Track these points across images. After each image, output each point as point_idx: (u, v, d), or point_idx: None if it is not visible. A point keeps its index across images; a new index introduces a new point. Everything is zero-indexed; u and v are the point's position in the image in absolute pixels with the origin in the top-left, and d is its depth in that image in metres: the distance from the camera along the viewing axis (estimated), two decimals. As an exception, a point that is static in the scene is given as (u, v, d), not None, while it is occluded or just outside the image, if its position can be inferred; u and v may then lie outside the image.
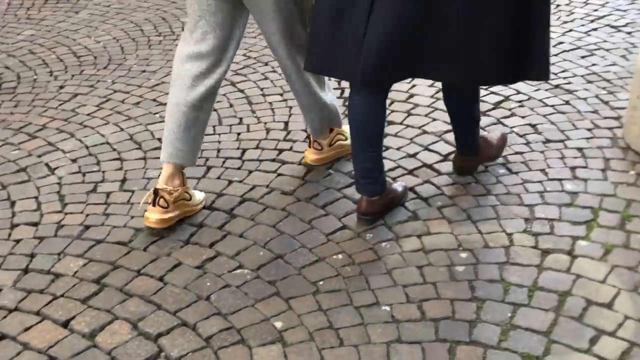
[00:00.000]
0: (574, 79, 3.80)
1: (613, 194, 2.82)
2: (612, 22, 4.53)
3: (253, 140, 3.32)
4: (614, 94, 3.62)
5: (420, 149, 3.19)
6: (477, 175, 2.97)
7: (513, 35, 2.40)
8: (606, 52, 4.11)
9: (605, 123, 3.36)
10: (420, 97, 3.65)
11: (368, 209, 2.68)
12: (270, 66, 4.05)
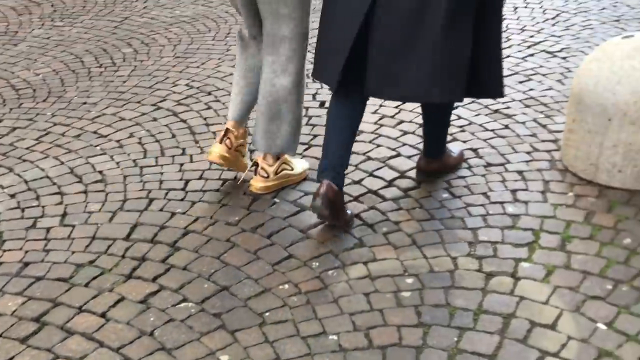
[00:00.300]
0: (513, 104, 3.88)
1: (553, 215, 2.87)
2: (548, 47, 4.66)
3: (196, 170, 3.29)
4: (551, 117, 3.71)
5: (365, 175, 3.21)
6: (421, 200, 3.00)
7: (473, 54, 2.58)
8: (543, 77, 4.21)
9: (544, 146, 3.43)
10: (364, 124, 3.68)
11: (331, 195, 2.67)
12: (214, 96, 4.04)
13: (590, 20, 5.15)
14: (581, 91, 3.06)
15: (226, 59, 4.57)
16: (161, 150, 3.48)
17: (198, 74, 4.34)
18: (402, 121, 3.71)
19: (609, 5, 5.43)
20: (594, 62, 3.06)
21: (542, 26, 5.06)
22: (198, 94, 4.08)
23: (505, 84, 4.12)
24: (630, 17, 5.19)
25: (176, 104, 3.95)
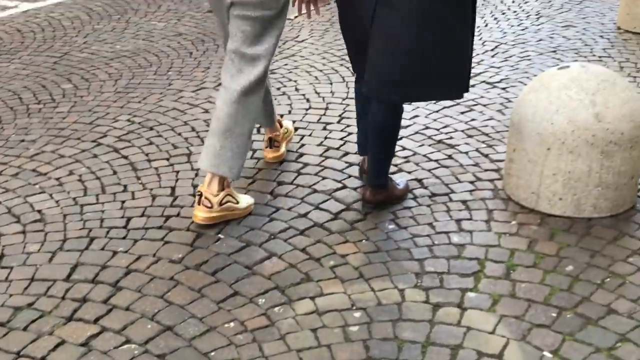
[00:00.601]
0: (455, 134, 3.93)
1: (497, 244, 2.90)
2: (488, 78, 4.74)
3: (138, 207, 3.23)
4: (493, 147, 3.76)
5: (311, 208, 3.19)
6: (368, 232, 2.99)
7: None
8: (484, 107, 4.28)
9: (487, 175, 3.47)
10: (309, 156, 3.67)
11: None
12: (156, 131, 3.99)
13: (528, 51, 5.27)
14: (520, 121, 3.12)
15: (168, 94, 4.53)
16: (102, 188, 3.41)
17: (139, 109, 4.29)
18: (347, 153, 3.71)
19: (546, 37, 5.57)
20: (532, 92, 3.13)
21: (482, 58, 5.16)
22: (140, 129, 4.03)
23: (448, 115, 4.18)
24: (567, 48, 5.33)
25: (117, 140, 3.88)
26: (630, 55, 5.16)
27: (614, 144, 2.95)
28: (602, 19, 6.03)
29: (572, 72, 3.08)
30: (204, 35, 5.71)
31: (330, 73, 4.86)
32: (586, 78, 3.03)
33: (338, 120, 4.12)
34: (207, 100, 4.43)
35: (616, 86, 3.02)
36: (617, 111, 2.95)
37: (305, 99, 4.43)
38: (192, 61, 5.14)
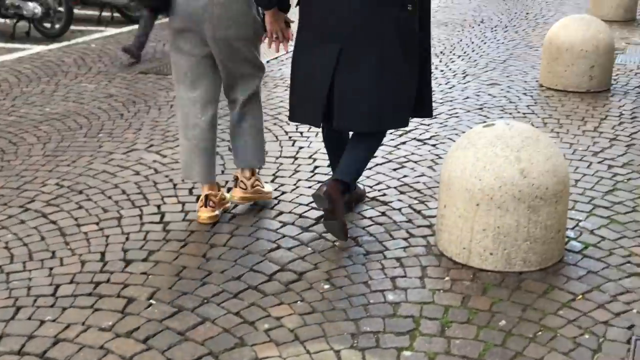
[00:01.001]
0: (388, 191, 3.97)
1: (432, 300, 2.91)
2: (418, 135, 4.84)
3: (67, 274, 3.13)
4: (425, 203, 3.82)
5: (244, 270, 3.16)
6: (303, 293, 2.97)
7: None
8: (415, 164, 4.36)
9: (420, 231, 3.51)
10: (242, 217, 3.65)
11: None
12: (85, 194, 3.91)
13: (456, 109, 5.41)
14: (450, 178, 3.18)
15: (98, 156, 4.47)
16: (29, 254, 3.30)
17: (69, 173, 4.21)
18: (281, 212, 3.71)
19: (472, 95, 5.74)
20: (460, 149, 3.20)
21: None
22: (69, 193, 3.95)
23: (380, 172, 4.23)
24: (492, 105, 5.50)
25: (45, 205, 3.79)
26: (552, 111, 5.35)
27: (539, 198, 3.03)
28: (525, 77, 6.26)
29: (497, 130, 3.17)
30: (135, 97, 5.68)
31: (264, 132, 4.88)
32: (511, 135, 3.12)
33: (272, 180, 4.12)
34: (138, 162, 4.38)
35: (539, 143, 3.11)
36: (541, 167, 3.04)
37: (238, 159, 4.42)
38: (123, 123, 5.10)
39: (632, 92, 5.81)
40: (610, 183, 4.09)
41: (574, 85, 5.79)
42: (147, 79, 6.20)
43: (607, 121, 5.13)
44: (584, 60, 5.74)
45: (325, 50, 3.25)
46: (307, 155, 4.51)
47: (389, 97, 3.28)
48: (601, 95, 5.72)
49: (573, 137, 4.83)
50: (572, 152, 4.56)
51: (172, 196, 3.91)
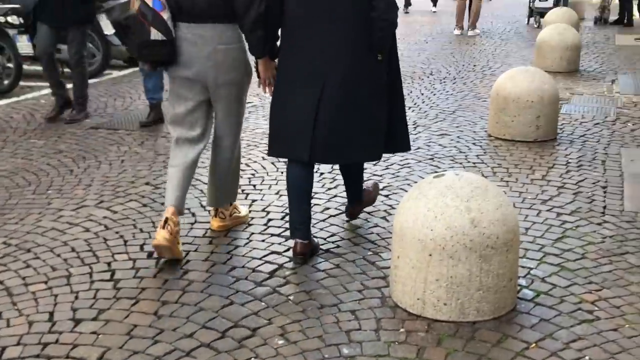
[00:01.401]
0: (342, 242, 3.97)
1: (387, 353, 2.89)
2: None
3: (14, 336, 3.04)
4: (379, 254, 3.82)
5: (197, 327, 3.10)
6: (257, 349, 2.93)
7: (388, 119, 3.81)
8: (368, 214, 4.37)
9: (374, 283, 3.50)
10: (195, 273, 3.60)
11: (303, 250, 3.73)
12: (33, 253, 3.82)
13: (407, 159, 5.48)
14: (402, 228, 3.19)
15: (47, 213, 4.38)
16: (-27, 317, 3.20)
17: (16, 231, 4.12)
18: (234, 267, 3.67)
19: (423, 145, 5.83)
20: (411, 200, 3.23)
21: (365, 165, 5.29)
22: (16, 251, 3.85)
23: (334, 224, 4.24)
24: (443, 155, 5.58)
25: (-9, 264, 3.69)
26: (501, 161, 5.46)
27: (490, 248, 3.06)
28: (474, 128, 6.38)
29: (447, 180, 3.21)
30: (85, 152, 5.62)
31: (216, 186, 4.86)
32: (460, 185, 3.16)
33: (225, 234, 4.09)
34: (88, 218, 4.31)
35: (488, 192, 3.16)
36: (491, 216, 3.08)
37: (190, 213, 4.39)
38: (72, 179, 5.03)
39: (577, 141, 5.96)
40: (559, 231, 4.16)
41: (522, 135, 5.92)
42: (98, 133, 6.14)
43: (554, 170, 5.24)
44: (530, 110, 5.88)
45: (307, 92, 3.62)
46: (260, 208, 4.49)
47: (362, 133, 3.69)
48: (548, 145, 5.86)
49: (522, 185, 4.92)
50: (522, 200, 4.63)
51: (122, 253, 3.85)
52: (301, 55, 3.65)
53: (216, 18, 3.70)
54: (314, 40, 3.61)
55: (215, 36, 3.72)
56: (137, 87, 7.83)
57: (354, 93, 3.63)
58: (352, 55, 3.60)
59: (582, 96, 7.64)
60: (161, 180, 4.96)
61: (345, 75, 3.60)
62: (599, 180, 5.01)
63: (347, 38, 3.58)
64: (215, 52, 3.73)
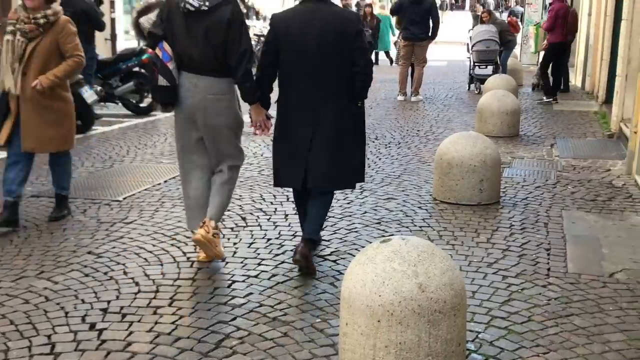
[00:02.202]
0: (290, 310, 3.92)
1: None
2: (319, 252, 4.85)
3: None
4: (327, 321, 3.78)
5: (140, 401, 3.00)
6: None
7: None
8: (317, 280, 4.34)
9: (323, 351, 3.45)
10: (138, 344, 3.50)
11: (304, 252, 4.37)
12: (-32, 327, 3.67)
13: (354, 223, 5.49)
14: (350, 294, 3.17)
15: (-15, 285, 4.23)
16: None
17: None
18: (179, 338, 3.58)
19: (370, 209, 5.85)
20: (359, 265, 3.21)
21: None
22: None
23: (281, 290, 4.19)
24: (390, 219, 5.62)
25: None
26: (447, 224, 5.51)
27: (438, 312, 3.05)
28: (419, 191, 6.45)
29: (394, 245, 3.22)
30: (25, 221, 5.47)
31: (161, 254, 4.78)
32: (407, 250, 3.17)
33: (169, 303, 4.00)
34: (28, 289, 4.17)
35: (435, 256, 3.17)
36: (438, 280, 3.09)
37: (134, 282, 4.29)
38: (12, 249, 4.88)
39: (520, 204, 6.07)
40: (505, 293, 4.19)
41: (466, 199, 6.01)
42: (39, 202, 6.01)
43: (499, 232, 5.31)
44: (473, 174, 5.99)
45: (301, 132, 4.44)
46: (206, 276, 4.42)
47: (343, 166, 4.52)
48: (492, 208, 5.95)
49: (468, 248, 4.96)
50: (468, 263, 4.67)
51: (63, 325, 3.72)
52: (295, 105, 4.47)
53: (209, 72, 4.37)
54: (305, 93, 4.42)
55: (207, 86, 4.39)
56: (80, 155, 7.73)
57: (339, 134, 4.45)
58: (337, 103, 4.43)
59: (523, 160, 7.83)
60: (104, 249, 4.85)
61: (332, 120, 4.41)
62: (542, 243, 5.09)
63: (333, 90, 4.42)
64: (205, 100, 4.40)
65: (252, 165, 7.38)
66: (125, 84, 10.32)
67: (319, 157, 4.44)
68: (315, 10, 4.42)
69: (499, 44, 13.48)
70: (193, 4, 4.29)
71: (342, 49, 4.38)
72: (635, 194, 6.40)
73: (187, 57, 4.36)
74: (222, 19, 4.30)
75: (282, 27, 4.44)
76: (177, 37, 4.37)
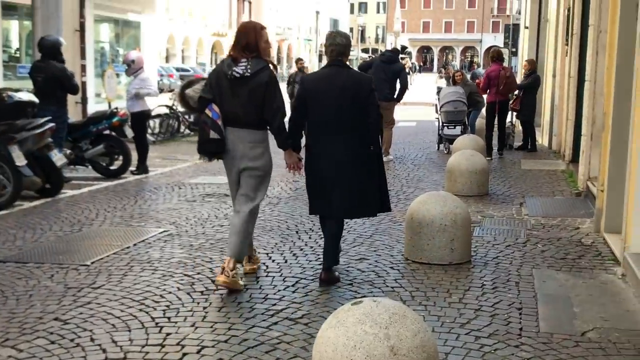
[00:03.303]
0: (261, 375, 3.85)
1: None
2: (290, 314, 4.80)
3: None
4: (299, 386, 3.71)
5: None
6: None
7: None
8: (288, 344, 4.28)
9: (294, 418, 3.38)
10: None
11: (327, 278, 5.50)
12: None
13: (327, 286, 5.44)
14: (322, 358, 3.12)
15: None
16: None
17: None
18: (147, 406, 3.49)
19: (342, 270, 5.82)
20: (330, 329, 3.18)
21: (283, 294, 5.25)
22: None
23: (251, 355, 4.12)
24: (362, 280, 5.59)
25: None
26: (419, 284, 5.49)
27: (411, 375, 3.01)
28: (391, 251, 6.45)
29: (365, 307, 3.19)
30: (-9, 287, 5.35)
31: (129, 319, 4.69)
32: (378, 312, 3.14)
33: (137, 371, 3.91)
34: (-9, 359, 4.06)
35: (407, 318, 3.15)
36: (411, 343, 3.06)
37: (101, 349, 4.19)
38: (-25, 316, 4.76)
39: (491, 263, 6.09)
40: (479, 354, 4.16)
41: (437, 258, 6.01)
42: (6, 267, 5.89)
43: (470, 292, 5.31)
44: (444, 233, 6.00)
45: (328, 173, 5.50)
46: (175, 342, 4.33)
47: (362, 198, 5.56)
48: (463, 267, 5.95)
49: (440, 309, 4.94)
50: (440, 324, 4.64)
51: (26, 395, 3.61)
52: (321, 148, 5.52)
53: (249, 125, 5.38)
54: (329, 137, 5.49)
55: (247, 137, 5.40)
56: (48, 218, 7.64)
57: (357, 172, 5.47)
58: (353, 148, 5.50)
59: (493, 219, 7.88)
60: (71, 315, 4.75)
61: (350, 160, 5.47)
62: (514, 302, 5.09)
63: (351, 135, 5.48)
64: (245, 147, 5.41)
65: (223, 227, 7.34)
66: (95, 146, 10.30)
67: (339, 190, 5.49)
68: (336, 73, 5.54)
69: (466, 105, 13.73)
70: (239, 72, 5.32)
71: (356, 105, 5.47)
72: (604, 252, 6.45)
73: (233, 114, 5.36)
74: (262, 82, 5.32)
75: (311, 86, 5.60)
76: (224, 98, 5.37)
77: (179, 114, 16.13)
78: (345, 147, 5.46)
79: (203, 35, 54.51)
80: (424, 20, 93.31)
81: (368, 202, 5.60)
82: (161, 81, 30.30)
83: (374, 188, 5.59)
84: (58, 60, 9.70)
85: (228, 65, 5.37)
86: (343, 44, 5.61)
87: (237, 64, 5.34)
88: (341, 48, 5.60)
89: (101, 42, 16.96)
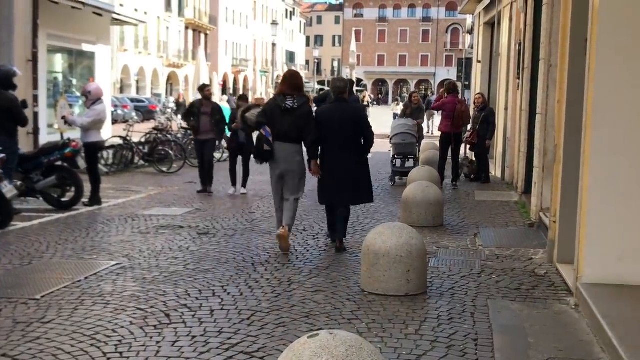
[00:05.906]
0: (215, 411, 3.77)
1: None
2: (246, 348, 4.73)
3: None
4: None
5: None
6: None
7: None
8: (243, 379, 4.20)
9: None
10: None
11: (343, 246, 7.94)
12: None
13: (282, 317, 5.40)
14: (278, 393, 3.07)
15: None
16: None
17: None
18: None
19: (298, 303, 5.78)
20: (286, 363, 3.13)
21: (238, 327, 5.18)
22: None
23: (206, 391, 4.03)
24: (318, 312, 5.55)
25: None
26: (376, 316, 5.48)
27: (368, 409, 2.98)
28: (347, 283, 6.43)
29: (321, 340, 3.16)
30: None
31: (80, 355, 4.57)
32: (335, 345, 3.12)
33: (88, 408, 3.80)
34: None
35: (363, 351, 3.13)
36: (368, 376, 3.03)
37: (50, 386, 4.06)
38: None
39: (447, 294, 6.11)
40: (435, 386, 4.14)
41: (394, 289, 6.00)
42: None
43: (426, 323, 5.31)
44: (400, 264, 6.01)
45: (337, 172, 7.78)
46: (128, 377, 4.23)
47: (359, 190, 7.86)
48: (419, 298, 5.96)
49: (397, 341, 4.92)
50: (397, 356, 4.62)
51: None
52: (329, 157, 7.82)
53: (291, 140, 7.69)
54: (335, 151, 7.78)
55: (290, 149, 7.70)
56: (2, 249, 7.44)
57: (355, 172, 7.81)
58: (352, 156, 7.81)
59: (448, 249, 7.93)
60: (19, 351, 4.60)
61: (351, 165, 7.78)
62: (469, 333, 5.10)
63: (351, 148, 7.81)
64: (287, 156, 7.70)
65: (178, 260, 7.24)
66: (47, 178, 10.11)
67: (345, 186, 7.76)
68: (339, 106, 7.95)
69: (415, 137, 13.85)
70: (289, 105, 7.65)
71: (354, 127, 7.83)
72: (557, 282, 6.53)
73: (282, 133, 7.65)
74: (304, 112, 7.75)
75: (323, 116, 7.93)
76: (276, 122, 7.67)
77: (133, 145, 15.95)
78: (349, 157, 7.78)
79: (158, 66, 54.30)
80: (379, 54, 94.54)
81: (365, 193, 7.94)
82: (115, 112, 29.92)
83: (367, 184, 7.93)
84: (12, 89, 9.55)
85: (281, 100, 7.73)
86: (342, 86, 8.06)
87: (286, 99, 7.70)
88: (342, 89, 8.01)
89: (54, 73, 16.74)
